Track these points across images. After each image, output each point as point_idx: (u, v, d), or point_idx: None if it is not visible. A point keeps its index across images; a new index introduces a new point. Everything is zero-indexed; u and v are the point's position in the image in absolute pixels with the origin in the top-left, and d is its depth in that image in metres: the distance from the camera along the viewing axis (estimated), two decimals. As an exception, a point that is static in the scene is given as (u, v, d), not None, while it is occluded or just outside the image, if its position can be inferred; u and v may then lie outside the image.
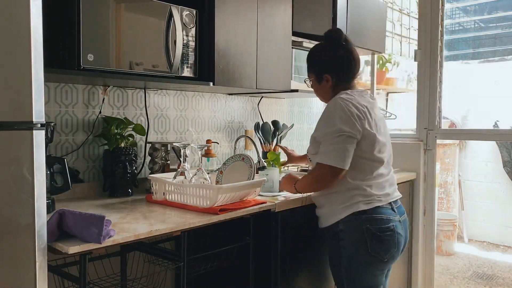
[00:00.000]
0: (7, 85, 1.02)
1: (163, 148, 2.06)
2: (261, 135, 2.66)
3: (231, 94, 2.62)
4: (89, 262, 1.66)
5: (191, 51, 1.89)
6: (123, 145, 1.94)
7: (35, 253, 1.06)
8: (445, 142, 4.60)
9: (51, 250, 1.23)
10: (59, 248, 1.22)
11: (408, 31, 4.99)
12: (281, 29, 2.32)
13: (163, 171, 2.04)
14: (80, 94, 1.94)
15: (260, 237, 1.84)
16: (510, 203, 4.59)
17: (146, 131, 2.11)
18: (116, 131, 1.93)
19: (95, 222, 1.24)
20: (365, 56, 3.62)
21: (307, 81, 1.91)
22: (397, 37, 4.81)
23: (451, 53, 5.27)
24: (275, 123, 2.72)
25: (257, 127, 2.66)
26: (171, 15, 1.78)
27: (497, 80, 4.73)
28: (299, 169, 2.75)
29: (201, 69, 1.95)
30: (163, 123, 2.27)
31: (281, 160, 2.36)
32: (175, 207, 1.74)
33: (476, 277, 3.75)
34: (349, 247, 1.71)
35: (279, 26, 2.30)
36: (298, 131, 3.16)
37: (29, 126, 1.05)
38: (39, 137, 1.07)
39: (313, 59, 1.87)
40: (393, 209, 1.74)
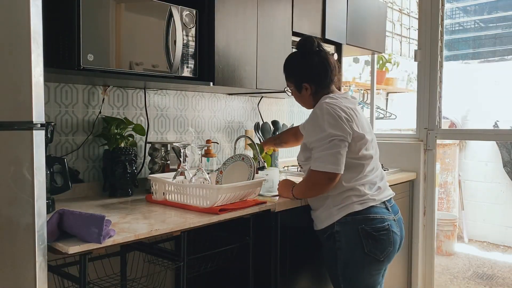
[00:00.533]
0: (7, 85, 1.02)
1: (163, 148, 2.06)
2: (261, 135, 2.66)
3: (231, 94, 2.62)
4: (89, 262, 1.66)
5: (191, 51, 1.89)
6: (123, 145, 1.94)
7: (35, 253, 1.06)
8: (445, 142, 4.60)
9: (51, 250, 1.23)
10: (59, 248, 1.22)
11: (408, 31, 4.99)
12: (281, 29, 2.32)
13: (163, 171, 2.04)
14: (80, 94, 1.94)
15: (260, 237, 1.84)
16: (510, 203, 4.59)
17: (146, 131, 2.11)
18: (116, 131, 1.93)
19: (95, 222, 1.24)
20: (365, 56, 3.63)
21: (287, 91, 1.92)
22: (397, 37, 4.81)
23: (451, 53, 5.27)
24: (275, 123, 2.72)
25: (257, 127, 2.66)
26: (171, 15, 1.78)
27: (497, 80, 4.73)
28: (299, 170, 2.75)
29: (201, 69, 1.96)
30: (163, 123, 2.27)
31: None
32: (175, 207, 1.74)
33: (476, 277, 3.75)
34: (345, 248, 1.72)
35: (279, 26, 2.30)
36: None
37: (29, 126, 1.05)
38: (39, 137, 1.07)
39: (290, 69, 1.87)
40: (387, 208, 1.76)
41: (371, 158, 1.76)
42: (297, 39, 2.44)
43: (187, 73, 1.89)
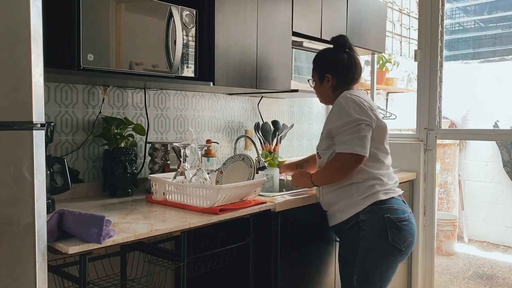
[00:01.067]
0: (7, 85, 1.02)
1: (163, 148, 2.06)
2: (261, 135, 2.66)
3: (231, 94, 2.62)
4: (89, 262, 1.66)
5: (191, 51, 1.89)
6: (123, 145, 1.94)
7: (35, 253, 1.06)
8: (445, 142, 4.60)
9: (51, 250, 1.23)
10: (59, 248, 1.22)
11: (408, 31, 4.99)
12: (281, 29, 2.32)
13: (163, 171, 2.04)
14: (80, 94, 1.94)
15: (260, 237, 1.84)
16: (510, 203, 4.59)
17: (146, 131, 2.11)
18: (116, 131, 1.93)
19: (95, 222, 1.24)
20: (365, 56, 3.62)
21: (310, 81, 2.01)
22: (397, 37, 4.81)
23: (451, 53, 5.27)
24: (275, 123, 2.72)
25: (257, 127, 2.66)
26: (171, 15, 1.78)
27: (497, 80, 4.73)
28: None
29: (201, 69, 1.96)
30: (163, 123, 2.27)
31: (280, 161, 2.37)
32: (175, 207, 1.74)
33: (476, 277, 3.75)
34: (370, 237, 1.74)
35: (279, 26, 2.30)
36: (298, 131, 3.16)
37: (29, 126, 1.05)
38: (39, 137, 1.07)
39: (318, 60, 1.97)
40: (403, 201, 1.83)
41: (388, 153, 1.86)
42: (297, 39, 2.46)
43: (187, 73, 1.89)
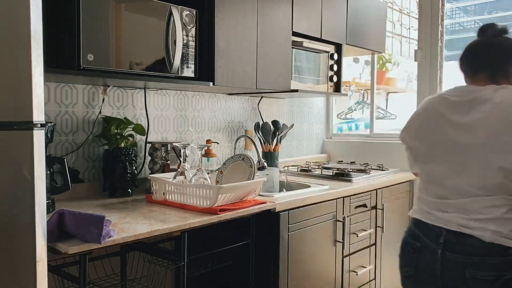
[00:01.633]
0: (7, 85, 1.02)
1: (163, 148, 2.06)
2: (261, 135, 2.66)
3: (231, 94, 2.62)
4: (89, 262, 1.66)
5: (191, 51, 1.89)
6: (123, 145, 1.94)
7: (35, 253, 1.06)
8: (445, 142, 4.59)
9: (51, 250, 1.23)
10: (59, 248, 1.22)
11: (408, 31, 4.99)
12: (281, 29, 2.32)
13: (163, 171, 2.04)
14: (80, 94, 1.94)
15: (260, 237, 1.84)
16: (510, 203, 4.58)
17: (146, 131, 2.11)
18: (116, 131, 1.93)
19: (95, 222, 1.24)
20: (365, 56, 3.62)
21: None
22: (397, 37, 4.81)
23: (451, 53, 5.27)
24: (275, 123, 2.72)
25: (257, 127, 2.66)
26: (171, 15, 1.79)
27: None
28: (299, 169, 2.75)
29: (201, 69, 1.95)
30: (163, 123, 2.27)
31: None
32: (175, 207, 1.74)
33: (476, 277, 3.74)
34: None
35: (279, 26, 2.30)
36: (298, 131, 3.16)
37: (29, 126, 1.04)
38: (39, 137, 1.06)
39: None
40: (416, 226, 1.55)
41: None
42: (297, 39, 2.45)
43: (187, 73, 1.89)
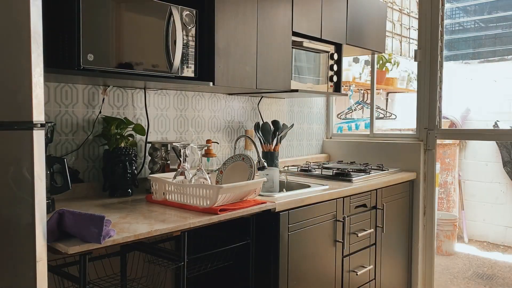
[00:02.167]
0: (7, 85, 1.02)
1: (163, 148, 2.06)
2: (261, 135, 2.66)
3: (231, 94, 2.62)
4: (89, 262, 1.66)
5: (191, 51, 1.89)
6: (123, 145, 1.94)
7: (35, 253, 1.06)
8: (445, 142, 4.60)
9: (51, 250, 1.23)
10: (59, 248, 1.22)
11: (408, 31, 4.99)
12: (281, 29, 2.32)
13: (163, 171, 2.04)
14: (80, 94, 1.94)
15: (260, 237, 1.84)
16: (510, 203, 4.59)
17: (146, 131, 2.11)
18: (116, 131, 1.93)
19: (95, 222, 1.24)
20: (365, 56, 3.62)
21: None
22: (397, 37, 4.81)
23: (451, 53, 5.28)
24: (275, 123, 2.72)
25: (257, 127, 2.66)
26: (171, 15, 1.79)
27: (497, 80, 4.74)
28: (299, 169, 2.75)
29: (201, 69, 1.95)
30: (163, 123, 2.27)
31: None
32: (175, 207, 1.74)
33: (476, 277, 3.75)
34: None
35: (279, 26, 2.30)
36: (298, 131, 3.16)
37: (29, 126, 1.04)
38: (39, 137, 1.06)
39: None
40: None
41: None
42: (297, 39, 2.46)
43: (187, 73, 1.89)
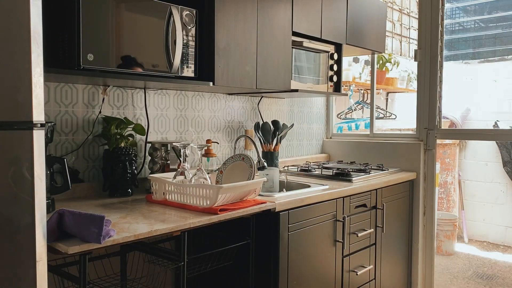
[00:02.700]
0: (7, 85, 1.02)
1: (163, 148, 2.06)
2: (261, 135, 2.66)
3: (231, 94, 2.62)
4: (89, 262, 1.66)
5: (191, 51, 1.89)
6: (123, 145, 1.94)
7: (35, 253, 1.06)
8: (445, 142, 4.60)
9: (51, 250, 1.23)
10: (59, 248, 1.22)
11: (408, 31, 4.99)
12: (281, 29, 2.32)
13: (163, 171, 2.04)
14: (80, 94, 1.94)
15: (260, 237, 1.84)
16: (510, 203, 4.59)
17: (146, 131, 2.11)
18: (116, 131, 1.93)
19: (95, 222, 1.24)
20: (365, 56, 3.62)
21: None
22: (397, 37, 4.81)
23: (451, 53, 5.27)
24: (275, 123, 2.72)
25: (257, 127, 2.66)
26: (171, 15, 1.79)
27: (497, 80, 4.74)
28: (298, 169, 2.75)
29: (201, 69, 1.96)
30: (163, 123, 2.27)
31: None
32: (175, 207, 1.74)
33: (476, 277, 3.75)
34: None
35: (279, 26, 2.30)
36: (298, 131, 3.16)
37: (29, 126, 1.04)
38: (39, 137, 1.06)
39: None
40: None
41: None
42: (297, 39, 2.46)
43: (187, 73, 1.89)
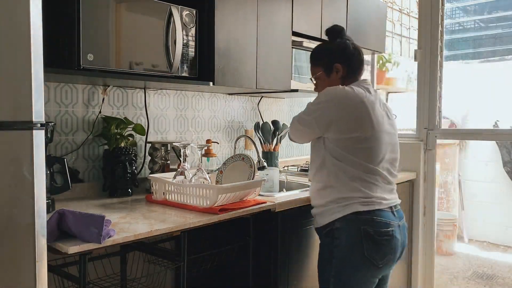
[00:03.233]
0: (7, 85, 1.02)
1: (163, 148, 2.06)
2: (261, 135, 2.66)
3: (231, 94, 2.62)
4: (89, 262, 1.66)
5: (191, 51, 1.89)
6: (123, 145, 1.94)
7: (35, 253, 1.06)
8: (445, 142, 4.60)
9: (51, 250, 1.23)
10: (59, 248, 1.22)
11: (408, 31, 4.99)
12: (281, 29, 2.32)
13: (163, 171, 2.04)
14: (80, 94, 1.94)
15: (260, 237, 1.84)
16: (510, 203, 4.59)
17: (146, 131, 2.11)
18: (116, 131, 1.93)
19: (95, 222, 1.24)
20: (365, 56, 3.62)
21: (312, 79, 1.84)
22: (397, 37, 4.81)
23: (451, 53, 5.27)
24: (275, 123, 2.72)
25: (257, 127, 2.66)
26: (171, 15, 1.78)
27: (497, 80, 4.73)
28: (298, 169, 2.75)
29: (201, 69, 1.95)
30: (163, 123, 2.27)
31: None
32: (175, 207, 1.74)
33: (476, 277, 3.75)
34: (343, 247, 1.63)
35: (279, 26, 2.30)
36: (298, 131, 3.16)
37: (29, 126, 1.04)
38: (39, 137, 1.06)
39: (320, 52, 1.81)
40: (393, 213, 1.68)
41: (383, 162, 1.68)
42: (297, 39, 2.45)
43: (187, 73, 1.89)
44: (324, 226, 1.70)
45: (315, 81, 1.82)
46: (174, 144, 2.00)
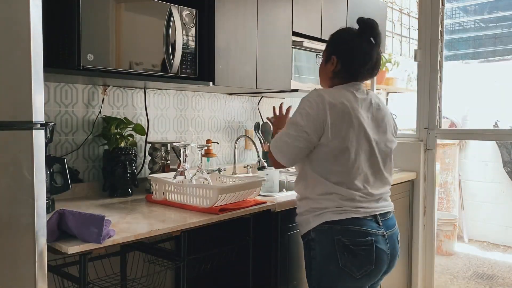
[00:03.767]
0: (7, 85, 1.02)
1: (163, 148, 2.06)
2: (261, 135, 2.66)
3: (231, 94, 2.62)
4: (89, 262, 1.66)
5: (191, 51, 1.89)
6: (123, 145, 1.94)
7: (35, 253, 1.06)
8: (445, 142, 4.60)
9: (51, 250, 1.23)
10: (59, 248, 1.22)
11: (408, 31, 4.99)
12: (281, 29, 2.31)
13: (163, 171, 2.04)
14: (80, 94, 1.94)
15: (260, 237, 1.84)
16: (510, 203, 4.59)
17: (146, 131, 2.11)
18: (116, 131, 1.93)
19: (95, 222, 1.24)
20: (365, 56, 3.62)
21: (318, 56, 1.76)
22: (397, 37, 4.81)
23: (451, 53, 5.27)
24: (275, 123, 2.72)
25: (257, 127, 2.66)
26: (171, 15, 1.78)
27: (497, 80, 4.73)
28: (299, 169, 2.75)
29: (201, 69, 1.95)
30: (163, 123, 2.27)
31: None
32: (175, 207, 1.74)
33: (476, 277, 3.75)
34: (318, 258, 1.56)
35: (279, 26, 2.30)
36: (298, 131, 3.16)
37: (29, 126, 1.05)
38: (39, 137, 1.06)
39: (334, 37, 1.68)
40: (377, 222, 1.56)
41: (361, 170, 1.56)
42: (297, 39, 2.45)
43: (187, 73, 1.89)
44: (302, 236, 1.65)
45: (319, 62, 1.73)
46: (174, 144, 2.00)
